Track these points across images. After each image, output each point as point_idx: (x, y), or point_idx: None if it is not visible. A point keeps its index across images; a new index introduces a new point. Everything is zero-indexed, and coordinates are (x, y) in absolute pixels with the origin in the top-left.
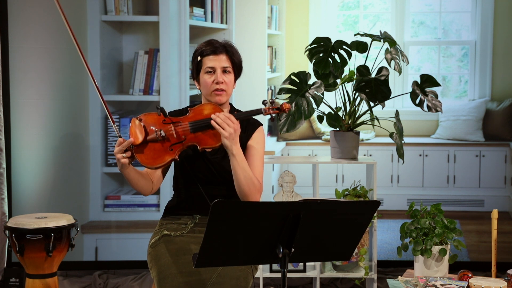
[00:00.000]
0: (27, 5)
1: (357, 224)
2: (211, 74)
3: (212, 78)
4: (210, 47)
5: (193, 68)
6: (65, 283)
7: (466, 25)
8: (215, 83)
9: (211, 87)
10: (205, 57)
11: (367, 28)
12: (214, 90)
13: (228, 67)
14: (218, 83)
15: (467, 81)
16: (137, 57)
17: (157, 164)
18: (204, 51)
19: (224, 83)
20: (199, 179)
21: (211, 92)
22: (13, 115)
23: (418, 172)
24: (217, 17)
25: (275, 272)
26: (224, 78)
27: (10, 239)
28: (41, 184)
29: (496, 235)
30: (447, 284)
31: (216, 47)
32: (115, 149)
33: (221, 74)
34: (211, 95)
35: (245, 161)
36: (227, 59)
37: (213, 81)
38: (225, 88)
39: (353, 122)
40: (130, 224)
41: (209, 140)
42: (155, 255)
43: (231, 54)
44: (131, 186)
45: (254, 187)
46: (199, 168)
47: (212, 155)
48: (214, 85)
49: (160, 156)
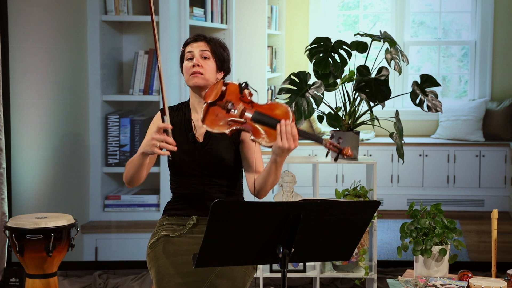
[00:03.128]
0: (27, 5)
1: (357, 224)
2: (190, 60)
3: (191, 63)
4: (192, 37)
5: (180, 61)
6: (65, 283)
7: (466, 25)
8: (192, 66)
9: (189, 70)
10: (187, 46)
11: (367, 28)
12: (191, 73)
13: (206, 50)
14: (195, 66)
15: (467, 81)
16: (137, 57)
17: (211, 128)
18: (186, 41)
19: (201, 66)
20: (196, 175)
21: (189, 76)
22: (13, 115)
23: (418, 172)
24: (217, 17)
25: (275, 272)
26: (201, 62)
27: (10, 239)
28: (41, 184)
29: (496, 235)
30: (447, 284)
31: (197, 35)
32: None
33: (198, 58)
34: (189, 79)
35: (280, 169)
36: (206, 45)
37: (191, 66)
38: (202, 71)
39: (353, 122)
40: (130, 224)
41: (265, 137)
42: (154, 256)
43: (211, 42)
44: (133, 173)
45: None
46: (197, 162)
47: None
48: (191, 68)
49: (217, 124)
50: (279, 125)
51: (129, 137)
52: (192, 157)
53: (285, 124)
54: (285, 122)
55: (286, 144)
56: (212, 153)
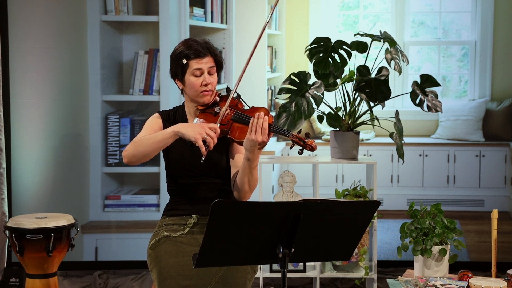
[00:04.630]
0: (27, 5)
1: (357, 224)
2: (198, 77)
3: (200, 80)
4: (194, 50)
5: (176, 69)
6: (65, 283)
7: (466, 25)
8: (204, 84)
9: (200, 88)
10: (191, 60)
11: (367, 28)
12: (202, 91)
13: (213, 67)
14: (207, 85)
15: (467, 81)
16: (137, 57)
17: None
18: (189, 54)
19: (211, 84)
20: (194, 177)
21: (199, 93)
22: (13, 115)
23: (418, 172)
24: (217, 17)
25: (275, 272)
26: (211, 79)
27: (10, 239)
28: (41, 184)
29: (496, 235)
30: (447, 284)
31: (199, 50)
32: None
33: (208, 76)
34: (199, 96)
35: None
36: (212, 61)
37: (202, 83)
38: (212, 89)
39: (353, 122)
40: (130, 224)
41: (238, 133)
42: (155, 257)
43: (214, 55)
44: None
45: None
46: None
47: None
48: (203, 87)
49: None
50: (252, 119)
51: (129, 137)
52: (189, 160)
53: (258, 117)
54: (258, 115)
55: (253, 136)
56: (208, 155)
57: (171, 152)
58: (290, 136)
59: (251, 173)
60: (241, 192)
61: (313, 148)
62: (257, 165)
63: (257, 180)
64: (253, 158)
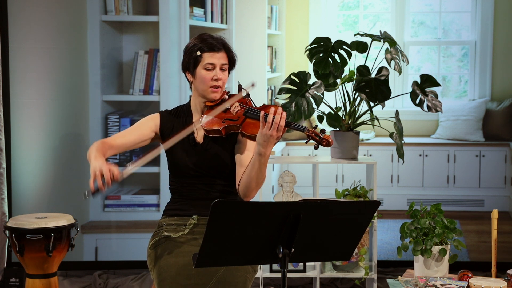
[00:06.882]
0: (27, 5)
1: (357, 224)
2: (210, 71)
3: (211, 74)
4: (209, 44)
5: (189, 61)
6: (65, 283)
7: (466, 25)
8: (214, 79)
9: (210, 83)
10: (205, 53)
11: (367, 28)
12: (212, 86)
13: (226, 64)
14: (217, 80)
15: (467, 81)
16: (137, 57)
17: (207, 127)
18: (204, 47)
19: (221, 80)
20: (196, 176)
21: (208, 88)
22: (13, 115)
23: (418, 172)
24: (217, 17)
25: (275, 272)
26: (222, 76)
27: (10, 239)
28: (41, 184)
29: (496, 235)
30: (447, 284)
31: (214, 44)
32: None
33: (219, 72)
34: (207, 91)
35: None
36: (226, 57)
37: (212, 78)
38: (221, 85)
39: (353, 122)
40: (130, 224)
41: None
42: (155, 257)
43: (229, 52)
44: None
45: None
46: (197, 163)
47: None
48: (213, 81)
49: (213, 123)
50: (270, 115)
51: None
52: (192, 159)
53: (275, 112)
54: (275, 111)
55: (270, 132)
56: (211, 154)
57: (175, 151)
58: (307, 131)
59: (260, 170)
60: (247, 189)
61: (330, 143)
62: (267, 161)
63: (265, 178)
64: (265, 152)
